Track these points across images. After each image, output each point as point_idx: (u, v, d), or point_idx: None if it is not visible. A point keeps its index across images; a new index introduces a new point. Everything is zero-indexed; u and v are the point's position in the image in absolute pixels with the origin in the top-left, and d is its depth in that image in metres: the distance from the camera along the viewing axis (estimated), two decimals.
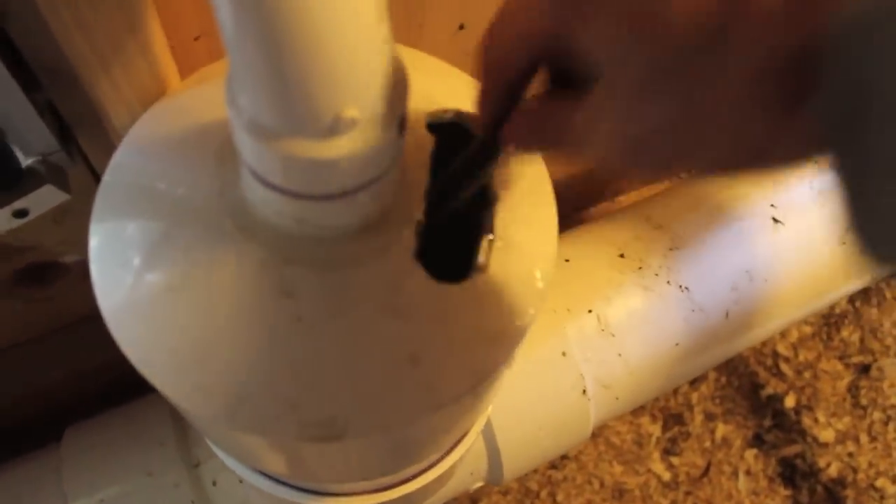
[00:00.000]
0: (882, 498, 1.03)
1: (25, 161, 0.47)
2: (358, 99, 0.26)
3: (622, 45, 0.23)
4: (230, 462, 0.49)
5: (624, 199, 0.93)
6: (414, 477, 0.48)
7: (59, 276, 0.62)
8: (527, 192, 0.37)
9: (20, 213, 0.48)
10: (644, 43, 0.22)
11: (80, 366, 0.68)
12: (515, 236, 0.35)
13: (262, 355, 0.31)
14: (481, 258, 0.34)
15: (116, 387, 0.71)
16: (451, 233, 0.35)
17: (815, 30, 0.19)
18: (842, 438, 1.07)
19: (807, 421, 1.08)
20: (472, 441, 0.50)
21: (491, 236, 0.35)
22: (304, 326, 0.31)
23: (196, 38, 0.47)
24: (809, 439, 1.06)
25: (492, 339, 0.33)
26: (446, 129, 0.37)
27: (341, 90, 0.25)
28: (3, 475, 0.62)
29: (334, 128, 0.26)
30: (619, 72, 0.23)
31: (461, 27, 0.58)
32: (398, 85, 0.28)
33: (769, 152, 0.23)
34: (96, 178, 0.54)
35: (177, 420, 0.62)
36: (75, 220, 0.57)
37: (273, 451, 0.36)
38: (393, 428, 0.32)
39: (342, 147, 0.27)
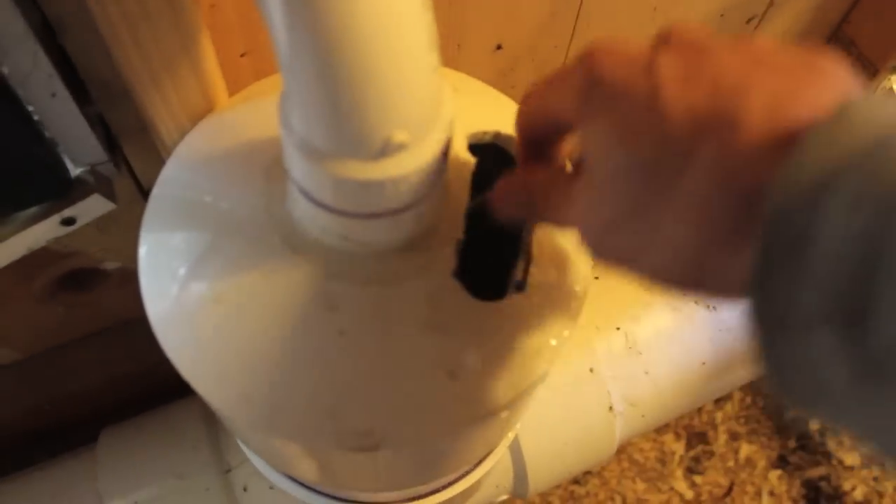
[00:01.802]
0: None
1: (75, 171, 0.48)
2: (407, 123, 0.27)
3: (610, 142, 0.25)
4: (263, 468, 0.50)
5: None
6: (443, 488, 0.49)
7: (99, 282, 0.64)
8: None
9: (68, 221, 0.49)
10: (626, 146, 0.25)
11: (117, 369, 0.70)
12: (552, 256, 0.36)
13: (305, 366, 0.32)
14: (519, 277, 0.35)
15: (151, 391, 0.72)
16: (490, 252, 0.36)
17: (771, 178, 0.21)
18: (868, 462, 1.06)
19: (832, 443, 1.07)
20: (501, 454, 0.51)
21: (528, 256, 0.35)
22: (346, 340, 0.32)
23: (242, 55, 0.48)
24: (835, 462, 1.06)
25: (527, 357, 0.34)
26: (486, 149, 0.38)
27: (392, 115, 0.26)
28: (41, 474, 0.64)
29: (384, 150, 0.27)
30: (601, 164, 0.26)
31: (498, 47, 0.59)
32: (444, 110, 0.29)
33: (703, 278, 0.25)
34: (140, 188, 0.56)
35: (209, 425, 0.64)
36: (118, 228, 0.59)
37: (308, 458, 0.37)
38: (429, 440, 0.32)
39: (390, 169, 0.28)
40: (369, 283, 0.32)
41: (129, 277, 0.65)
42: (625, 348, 0.68)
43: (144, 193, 0.57)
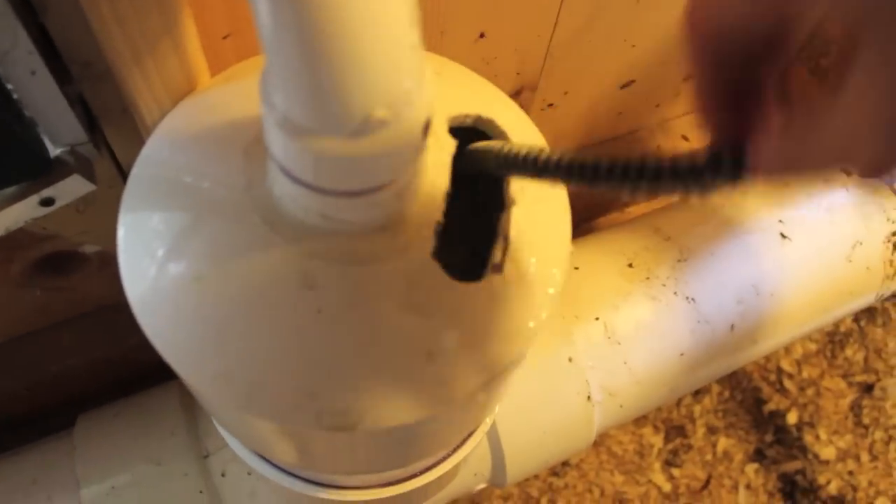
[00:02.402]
0: None
1: (54, 151, 0.48)
2: (388, 101, 0.27)
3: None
4: (241, 452, 0.50)
5: (633, 210, 0.94)
6: (421, 473, 0.49)
7: (78, 265, 0.63)
8: (542, 196, 0.38)
9: (47, 202, 0.49)
10: None
11: (95, 354, 0.69)
12: (530, 239, 0.36)
13: (283, 345, 0.32)
14: (497, 259, 0.35)
15: (129, 377, 0.72)
16: (469, 233, 0.36)
17: None
18: (843, 456, 1.07)
19: (808, 438, 1.08)
20: (479, 440, 0.51)
21: (506, 238, 0.36)
22: (323, 318, 0.32)
23: (225, 37, 0.48)
24: (811, 456, 1.07)
25: (504, 339, 0.34)
26: (466, 133, 0.38)
27: (373, 92, 0.26)
28: (18, 459, 0.63)
29: (364, 128, 0.27)
30: (887, 38, 0.19)
31: (482, 35, 0.59)
32: (426, 89, 0.29)
33: None
34: (120, 170, 0.56)
35: (188, 410, 0.63)
36: (97, 210, 0.58)
37: (286, 438, 0.37)
38: (406, 420, 0.33)
39: (371, 146, 0.28)
40: (348, 263, 0.33)
41: (108, 261, 0.65)
42: (604, 338, 0.68)
43: (124, 176, 0.57)
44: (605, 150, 0.84)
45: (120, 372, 0.72)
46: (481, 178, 0.36)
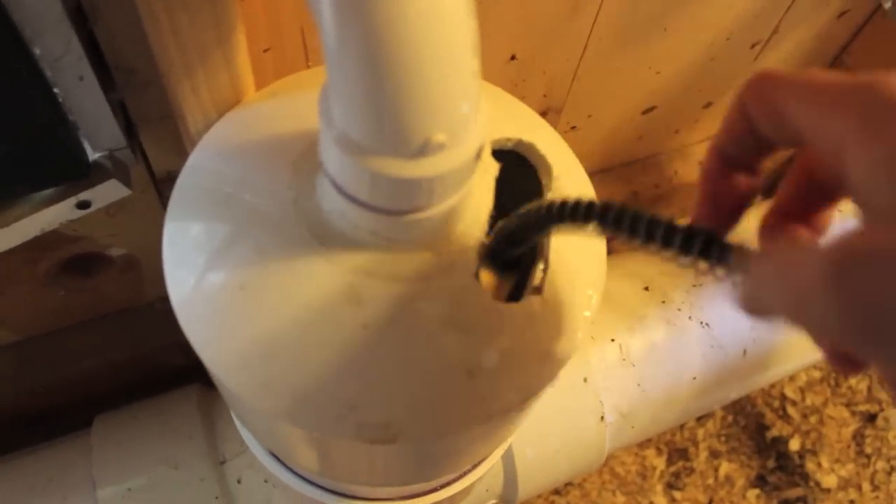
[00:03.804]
0: None
1: (93, 155, 0.49)
2: (448, 125, 0.28)
3: None
4: (263, 457, 0.50)
5: None
6: (441, 487, 0.50)
7: (103, 268, 0.64)
8: None
9: (83, 205, 0.50)
10: None
11: (112, 356, 0.70)
12: (568, 262, 0.37)
13: (327, 358, 0.33)
14: (536, 281, 0.36)
15: (145, 380, 0.72)
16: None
17: None
18: (844, 485, 1.08)
19: (810, 465, 1.09)
20: (498, 457, 0.52)
21: (546, 261, 0.36)
22: (368, 333, 0.33)
23: (265, 51, 0.49)
24: (812, 484, 1.07)
25: (541, 359, 0.35)
26: (506, 156, 0.39)
27: (435, 116, 0.27)
28: (35, 457, 0.64)
29: (423, 150, 0.28)
30: None
31: (513, 58, 0.60)
32: (481, 115, 0.29)
33: None
34: (152, 176, 0.57)
35: (205, 415, 0.64)
36: (126, 214, 0.59)
37: (319, 448, 0.38)
38: (444, 436, 0.33)
39: (428, 168, 0.28)
40: (394, 279, 0.33)
41: (132, 265, 0.66)
42: (619, 359, 0.69)
43: (156, 182, 0.57)
44: (624, 173, 0.85)
45: (136, 375, 0.72)
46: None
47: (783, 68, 0.26)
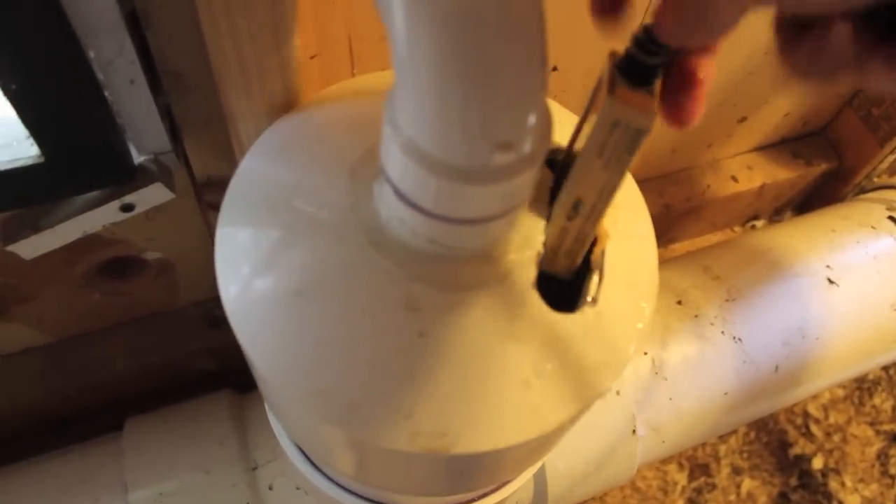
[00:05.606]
0: None
1: (138, 158, 0.49)
2: (517, 135, 0.28)
3: None
4: (298, 461, 0.50)
5: (678, 247, 0.95)
6: (478, 499, 0.50)
7: (138, 271, 0.64)
8: (633, 232, 0.38)
9: (127, 208, 0.50)
10: None
11: (144, 360, 0.70)
12: (622, 274, 0.37)
13: (383, 365, 0.33)
14: (592, 292, 0.36)
15: (176, 384, 0.72)
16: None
17: None
18: None
19: (833, 484, 1.07)
20: (536, 468, 0.51)
21: (601, 272, 0.36)
22: (425, 341, 0.33)
23: (312, 57, 0.49)
24: (835, 502, 1.06)
25: (595, 370, 0.35)
26: (558, 165, 0.39)
27: (505, 126, 0.27)
28: (67, 459, 0.64)
29: (493, 159, 0.28)
30: None
31: (554, 69, 0.60)
32: (548, 125, 0.29)
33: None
34: (192, 181, 0.57)
35: (237, 421, 0.64)
36: (166, 218, 0.59)
37: (363, 455, 0.38)
38: (498, 446, 0.33)
39: (493, 178, 0.28)
40: (451, 288, 0.33)
41: (167, 269, 0.66)
42: (651, 373, 0.68)
43: (196, 186, 0.57)
44: (657, 186, 0.84)
45: (166, 379, 0.72)
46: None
47: None
